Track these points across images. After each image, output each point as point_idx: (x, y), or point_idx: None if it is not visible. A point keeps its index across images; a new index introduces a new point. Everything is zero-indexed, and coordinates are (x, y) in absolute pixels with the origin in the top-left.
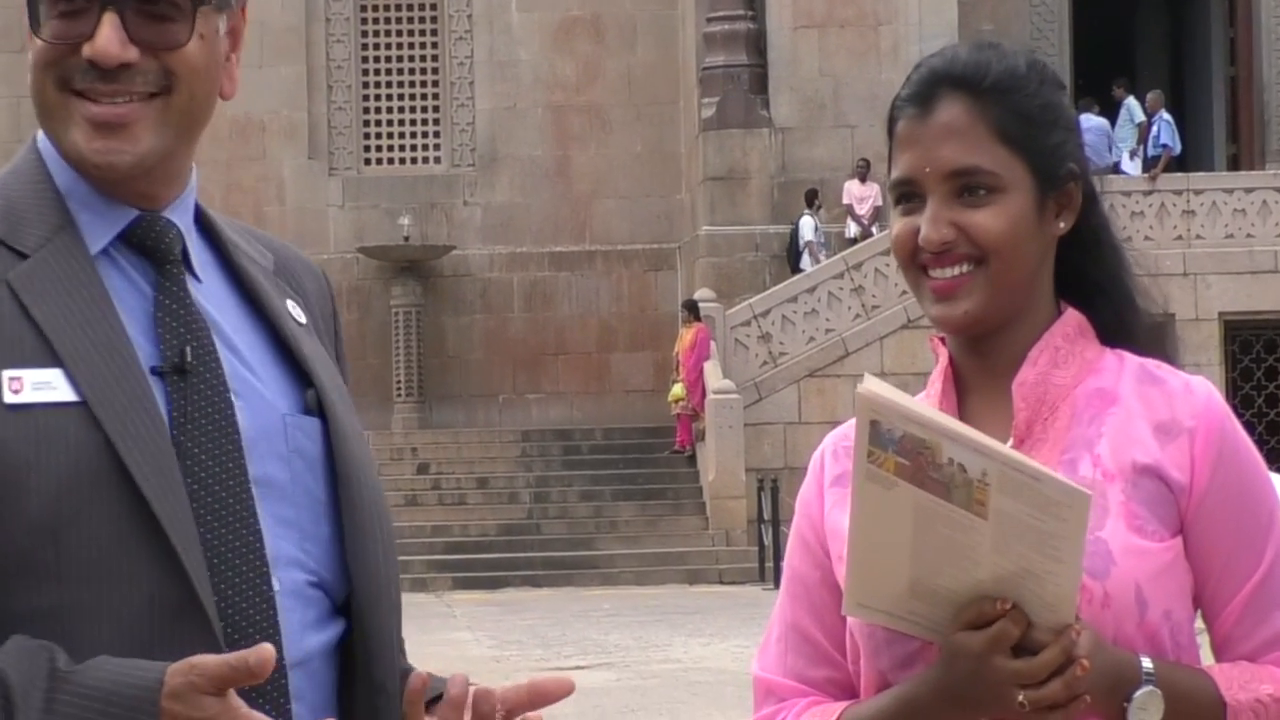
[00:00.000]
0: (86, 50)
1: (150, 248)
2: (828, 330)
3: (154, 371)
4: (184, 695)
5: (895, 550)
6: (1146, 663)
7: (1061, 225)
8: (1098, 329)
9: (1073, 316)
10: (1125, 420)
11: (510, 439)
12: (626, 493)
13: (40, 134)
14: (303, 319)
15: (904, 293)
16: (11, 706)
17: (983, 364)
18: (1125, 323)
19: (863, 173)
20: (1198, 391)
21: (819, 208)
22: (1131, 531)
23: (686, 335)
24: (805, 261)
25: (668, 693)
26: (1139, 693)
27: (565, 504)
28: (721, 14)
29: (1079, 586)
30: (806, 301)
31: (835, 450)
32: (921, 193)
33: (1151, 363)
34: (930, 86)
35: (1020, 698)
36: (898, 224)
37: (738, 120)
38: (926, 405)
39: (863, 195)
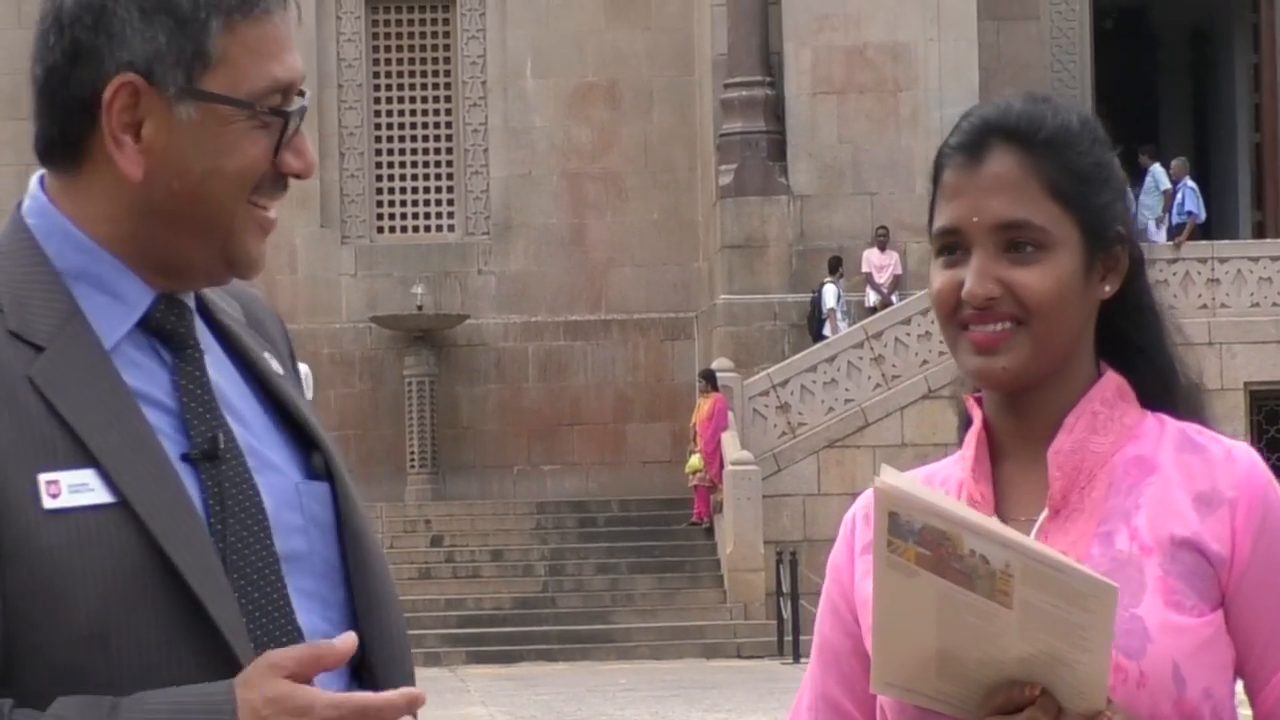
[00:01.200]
0: (293, 164)
1: (169, 333)
2: (847, 400)
3: (184, 459)
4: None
5: (920, 633)
6: None
7: (1107, 289)
8: (1139, 393)
9: (1112, 380)
10: (1164, 490)
11: (525, 511)
12: (643, 565)
13: (27, 212)
14: (280, 369)
15: (924, 362)
16: None
17: (1018, 425)
18: (1167, 386)
19: (882, 241)
20: (1240, 460)
21: (841, 275)
22: (1169, 608)
23: (704, 405)
24: (827, 329)
25: None
26: None
27: (581, 577)
28: (739, 80)
29: (1109, 672)
30: (826, 371)
31: (866, 515)
32: (966, 244)
33: (1192, 428)
34: (982, 135)
35: None
36: (939, 276)
37: (756, 188)
38: (944, 496)
39: (882, 264)
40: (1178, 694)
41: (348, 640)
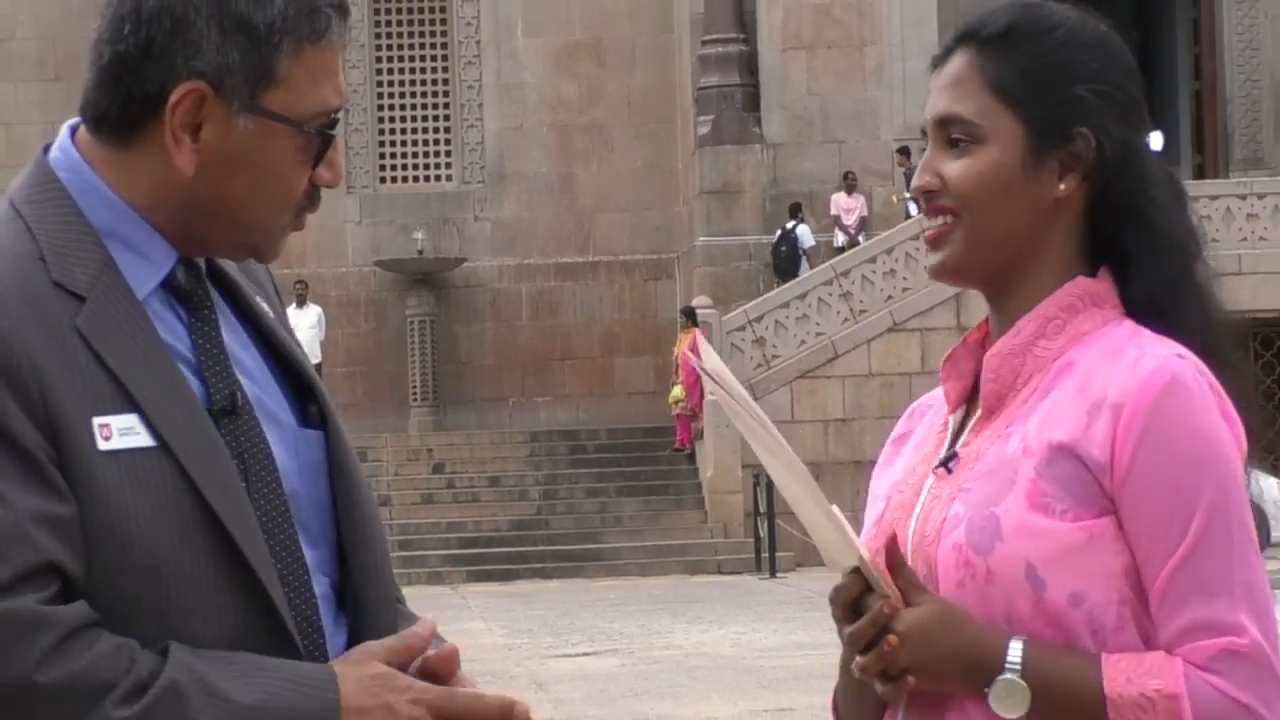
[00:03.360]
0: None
1: (186, 293)
2: (818, 334)
3: (207, 413)
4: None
5: (810, 509)
6: (1015, 650)
7: (1062, 187)
8: (1129, 301)
9: (1079, 285)
10: (1066, 395)
11: (520, 440)
12: (630, 489)
13: (57, 165)
14: (270, 312)
15: (889, 298)
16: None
17: (998, 324)
18: (1160, 303)
19: (850, 185)
20: (1141, 367)
21: (802, 220)
22: (1033, 510)
23: (685, 340)
24: (804, 268)
25: (669, 677)
26: (997, 681)
27: (572, 500)
28: (715, 37)
29: (828, 538)
30: (798, 307)
31: (911, 411)
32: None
33: (1139, 334)
34: (953, 41)
35: (853, 664)
36: None
37: (731, 137)
38: (719, 365)
39: (849, 206)
40: (1035, 595)
41: (426, 625)
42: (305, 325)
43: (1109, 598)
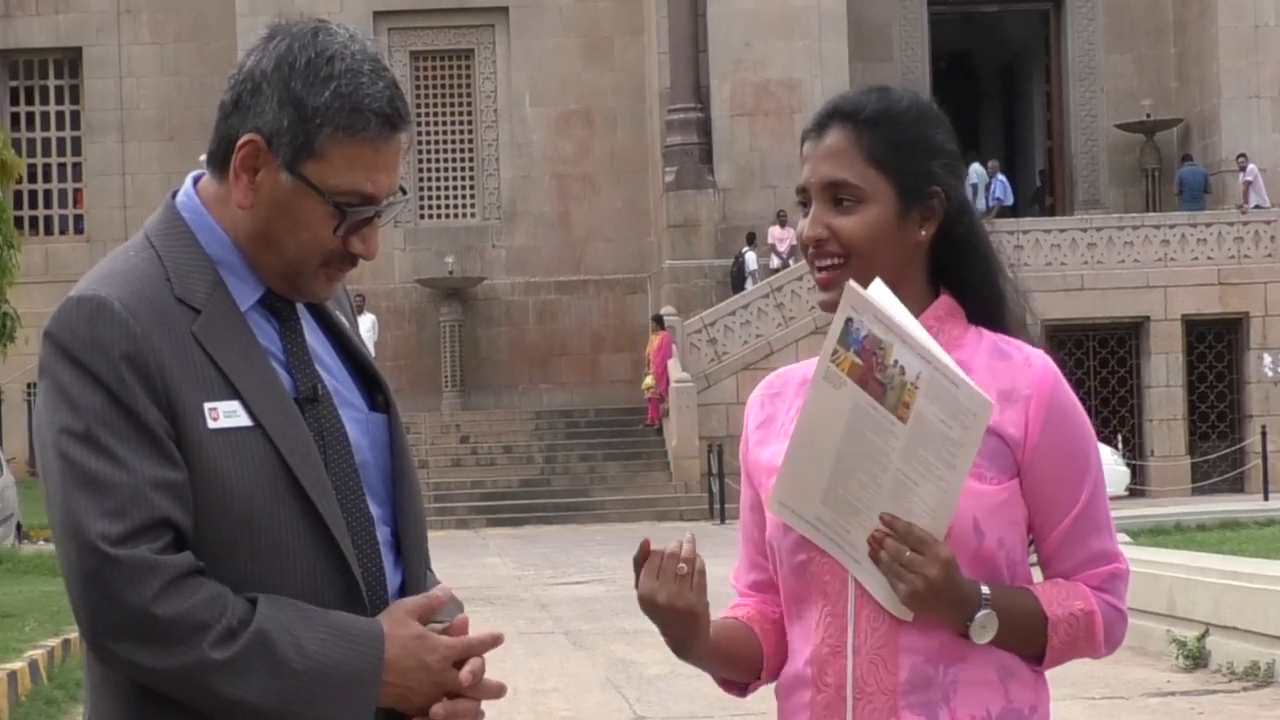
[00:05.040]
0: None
1: (278, 308)
2: (757, 336)
3: (294, 401)
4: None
5: (825, 452)
6: (985, 590)
7: (923, 233)
8: (971, 314)
9: (944, 302)
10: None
11: (527, 417)
12: (613, 455)
13: (182, 207)
14: (345, 321)
15: (813, 308)
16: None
17: None
18: (990, 310)
19: (782, 220)
20: (1035, 365)
21: (755, 246)
22: (971, 478)
23: (655, 340)
24: (749, 284)
25: None
26: (979, 614)
27: (568, 464)
28: (678, 106)
29: (959, 494)
30: (742, 315)
31: (761, 400)
32: (811, 199)
33: (1002, 339)
34: (825, 118)
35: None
36: (801, 224)
37: (691, 183)
38: (901, 306)
39: (782, 237)
40: (977, 543)
41: (445, 590)
42: (363, 329)
43: (1016, 540)
